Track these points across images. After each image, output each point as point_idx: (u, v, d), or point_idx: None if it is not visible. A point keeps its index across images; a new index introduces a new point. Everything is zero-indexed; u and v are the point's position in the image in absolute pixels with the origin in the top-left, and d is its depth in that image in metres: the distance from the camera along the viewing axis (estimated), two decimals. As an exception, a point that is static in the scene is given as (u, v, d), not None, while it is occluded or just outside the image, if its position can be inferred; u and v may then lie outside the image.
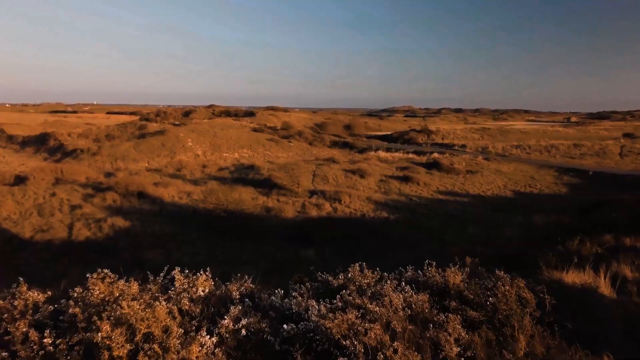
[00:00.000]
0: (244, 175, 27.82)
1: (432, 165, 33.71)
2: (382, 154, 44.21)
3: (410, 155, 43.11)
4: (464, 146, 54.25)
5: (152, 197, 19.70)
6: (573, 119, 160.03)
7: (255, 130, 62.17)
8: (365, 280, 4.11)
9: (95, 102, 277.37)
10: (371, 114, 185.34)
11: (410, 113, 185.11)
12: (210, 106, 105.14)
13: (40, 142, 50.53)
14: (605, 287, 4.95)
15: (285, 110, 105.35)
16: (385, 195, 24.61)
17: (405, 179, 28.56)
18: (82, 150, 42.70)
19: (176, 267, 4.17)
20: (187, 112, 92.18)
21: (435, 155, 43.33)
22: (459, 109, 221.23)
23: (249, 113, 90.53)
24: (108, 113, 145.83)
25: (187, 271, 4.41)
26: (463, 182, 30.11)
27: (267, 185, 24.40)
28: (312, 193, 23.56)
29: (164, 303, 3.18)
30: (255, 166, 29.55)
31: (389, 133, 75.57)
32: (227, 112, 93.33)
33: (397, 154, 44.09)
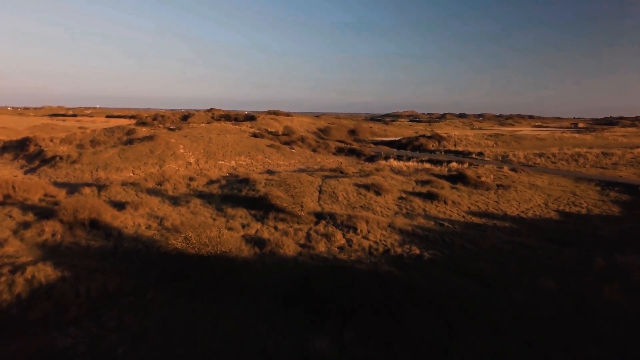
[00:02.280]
0: (236, 192, 22.78)
1: (457, 179, 28.60)
2: (394, 162, 39.13)
3: (427, 165, 38.01)
4: (481, 154, 49.14)
5: (109, 228, 14.64)
6: (580, 124, 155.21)
7: (254, 135, 57.22)
8: None
9: (98, 106, 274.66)
10: (374, 118, 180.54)
11: (413, 118, 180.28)
12: (210, 110, 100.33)
13: (20, 148, 45.70)
14: None
15: (288, 114, 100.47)
16: (409, 220, 19.50)
17: (430, 197, 23.46)
18: (62, 158, 37.82)
19: None
20: (186, 116, 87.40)
21: (455, 164, 38.22)
22: (462, 114, 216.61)
23: (250, 117, 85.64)
24: (107, 117, 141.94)
25: None
26: (497, 199, 24.98)
27: (263, 205, 19.35)
28: (319, 217, 18.48)
29: None
30: (250, 180, 24.51)
31: (396, 139, 70.48)
32: (227, 116, 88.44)
33: (411, 163, 39.00)
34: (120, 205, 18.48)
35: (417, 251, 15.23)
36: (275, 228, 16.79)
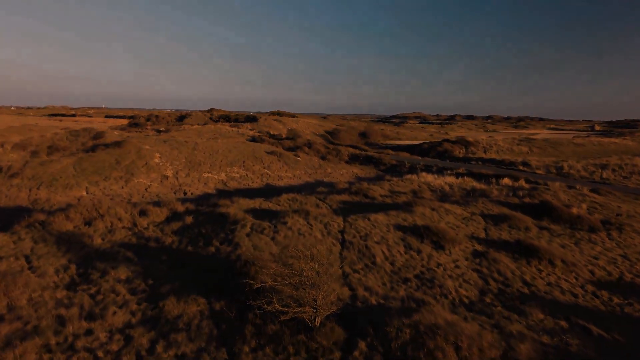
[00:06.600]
0: (201, 244, 13.12)
1: (540, 210, 18.74)
2: (429, 177, 29.31)
3: (471, 182, 28.14)
4: (526, 164, 39.12)
5: None
6: (597, 127, 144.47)
7: (253, 139, 47.58)
8: None
9: (104, 106, 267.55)
10: (382, 120, 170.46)
11: (422, 119, 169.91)
12: (209, 110, 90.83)
13: (-34, 154, 36.48)
14: None
15: (293, 115, 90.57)
16: (521, 321, 9.71)
17: (523, 252, 13.68)
18: (0, 169, 28.50)
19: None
20: (182, 117, 77.99)
21: (508, 181, 28.35)
22: (470, 116, 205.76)
23: (251, 118, 76.00)
24: (106, 117, 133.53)
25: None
26: (622, 252, 15.11)
27: (241, 295, 9.69)
28: (351, 329, 8.73)
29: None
30: (230, 219, 14.85)
31: (415, 143, 60.52)
32: (227, 117, 78.90)
33: (449, 179, 29.16)
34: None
35: None
36: (256, 374, 7.09)
